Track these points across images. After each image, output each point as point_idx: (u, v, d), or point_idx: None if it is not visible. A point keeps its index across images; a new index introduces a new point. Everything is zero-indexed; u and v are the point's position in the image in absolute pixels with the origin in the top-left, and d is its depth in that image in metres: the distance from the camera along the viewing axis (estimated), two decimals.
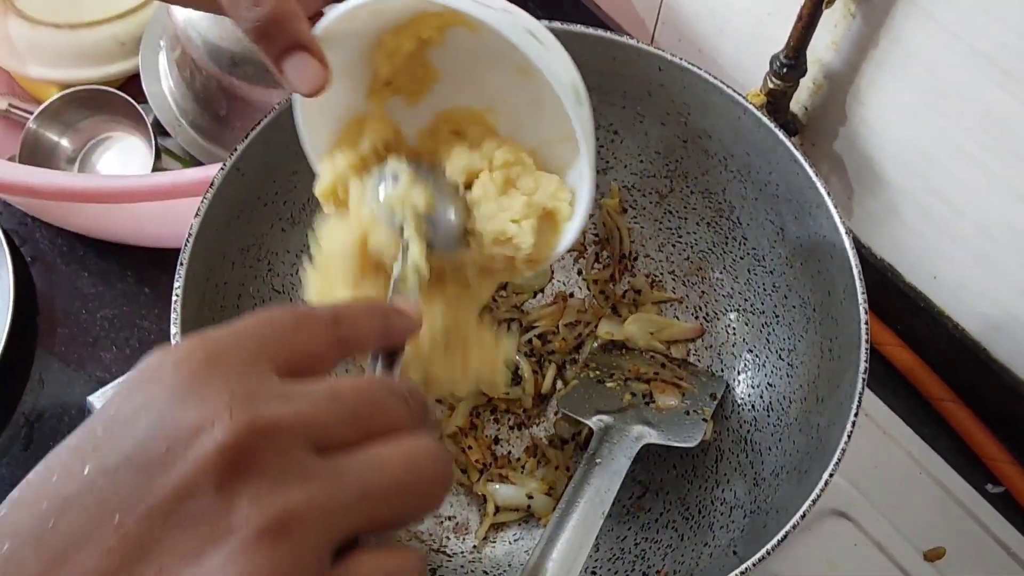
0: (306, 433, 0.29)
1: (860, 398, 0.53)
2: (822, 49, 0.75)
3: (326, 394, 0.31)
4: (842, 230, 0.58)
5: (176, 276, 0.55)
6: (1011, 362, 0.77)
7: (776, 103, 0.78)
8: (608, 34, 0.64)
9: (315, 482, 0.29)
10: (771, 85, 0.77)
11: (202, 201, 0.57)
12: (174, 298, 0.54)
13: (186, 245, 0.56)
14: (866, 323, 0.55)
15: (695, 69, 0.63)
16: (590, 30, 0.64)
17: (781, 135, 0.61)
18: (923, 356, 0.82)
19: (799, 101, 0.81)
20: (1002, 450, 0.78)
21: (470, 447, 0.70)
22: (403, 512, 0.31)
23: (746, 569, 0.49)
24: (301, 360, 0.32)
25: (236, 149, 0.59)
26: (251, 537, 0.27)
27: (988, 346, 0.78)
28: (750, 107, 0.62)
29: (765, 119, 0.62)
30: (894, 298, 0.83)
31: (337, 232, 0.49)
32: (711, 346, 0.72)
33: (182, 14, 0.83)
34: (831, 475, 0.51)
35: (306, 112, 0.50)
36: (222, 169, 0.58)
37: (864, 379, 0.54)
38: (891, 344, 0.83)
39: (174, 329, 0.54)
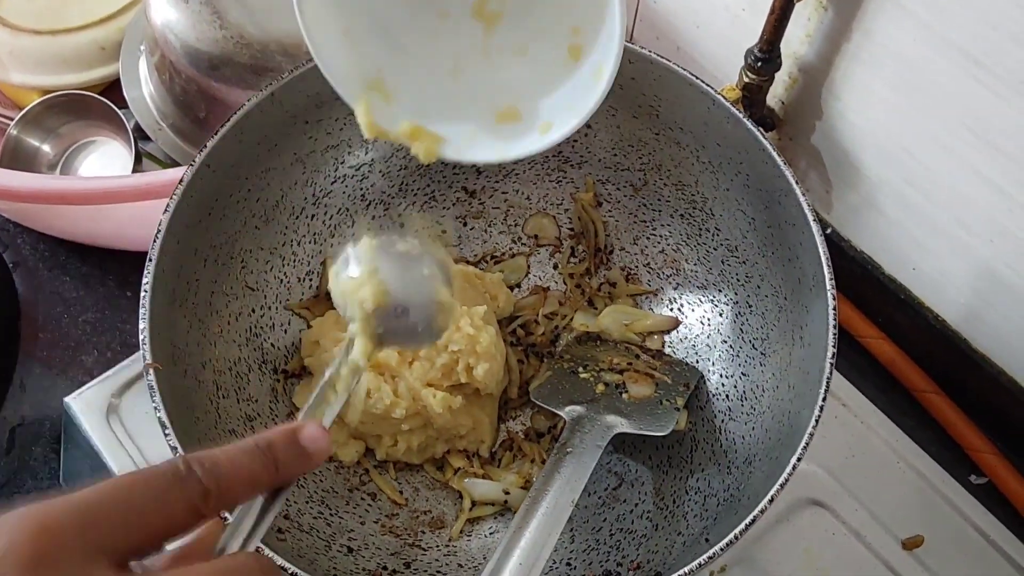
0: None
1: (828, 383, 0.53)
2: (796, 43, 0.75)
3: None
4: (810, 217, 0.58)
5: (145, 272, 0.55)
6: (992, 352, 0.77)
7: (752, 97, 0.78)
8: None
9: None
10: (746, 79, 0.77)
11: (171, 198, 0.57)
12: (142, 293, 0.54)
13: (155, 241, 0.56)
14: (834, 309, 0.55)
15: (664, 61, 0.64)
16: None
17: (750, 125, 0.62)
18: (904, 348, 0.82)
19: (775, 95, 0.81)
20: (985, 440, 0.78)
21: (448, 452, 0.70)
22: None
23: (714, 554, 0.49)
24: (152, 540, 0.31)
25: (206, 146, 0.59)
26: None
27: (969, 336, 0.78)
28: (720, 98, 0.63)
29: (734, 109, 0.62)
30: (875, 290, 0.83)
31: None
32: (686, 337, 0.72)
33: (160, 18, 0.83)
34: (799, 459, 0.51)
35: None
36: (191, 166, 0.58)
37: (832, 363, 0.54)
38: (872, 336, 0.83)
39: (142, 324, 0.54)
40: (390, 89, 0.53)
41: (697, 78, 0.63)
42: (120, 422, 0.71)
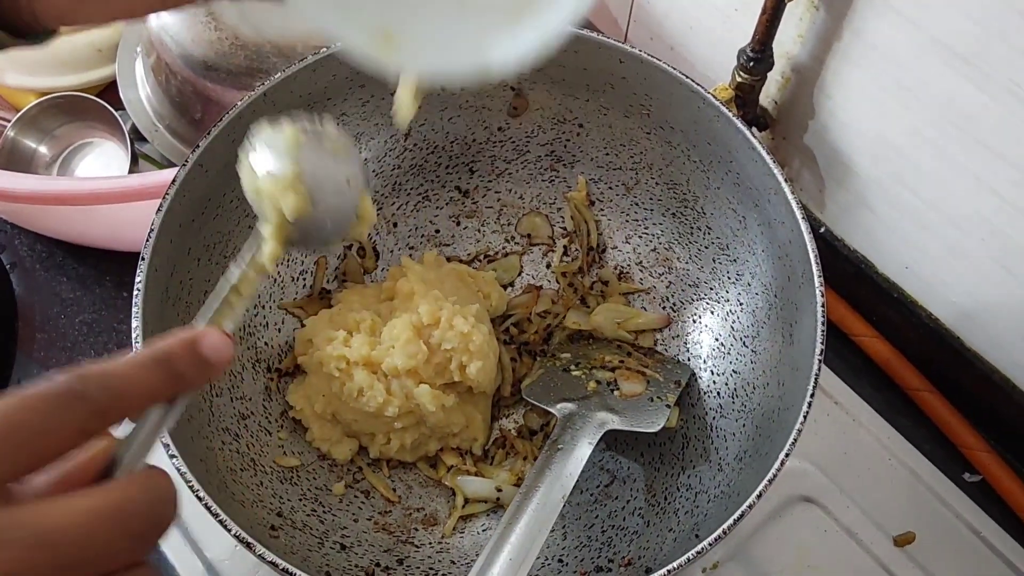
0: None
1: (816, 379, 0.53)
2: (788, 42, 0.75)
3: (37, 540, 0.28)
4: (799, 215, 0.58)
5: (138, 270, 0.55)
6: (985, 350, 0.77)
7: (745, 97, 0.79)
8: (569, 27, 0.65)
9: None
10: (739, 79, 0.77)
11: (164, 197, 0.58)
12: (135, 292, 0.55)
13: (148, 240, 0.56)
14: (823, 305, 0.55)
15: (655, 60, 0.64)
16: None
17: (739, 124, 0.62)
18: (898, 346, 0.82)
19: (768, 95, 0.81)
20: (978, 439, 0.78)
21: (441, 449, 0.70)
22: None
23: (703, 549, 0.49)
24: (38, 464, 0.30)
25: (199, 145, 0.59)
26: None
27: (962, 335, 0.78)
28: (709, 96, 0.63)
29: (724, 108, 0.62)
30: (868, 289, 0.83)
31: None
32: (678, 335, 0.72)
33: (156, 20, 0.84)
34: (787, 455, 0.51)
35: None
36: (184, 165, 0.59)
37: (820, 360, 0.54)
38: (866, 335, 0.83)
39: (135, 323, 0.54)
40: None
41: (687, 77, 0.63)
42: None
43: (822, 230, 0.83)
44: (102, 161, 0.91)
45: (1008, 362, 0.76)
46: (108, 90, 0.92)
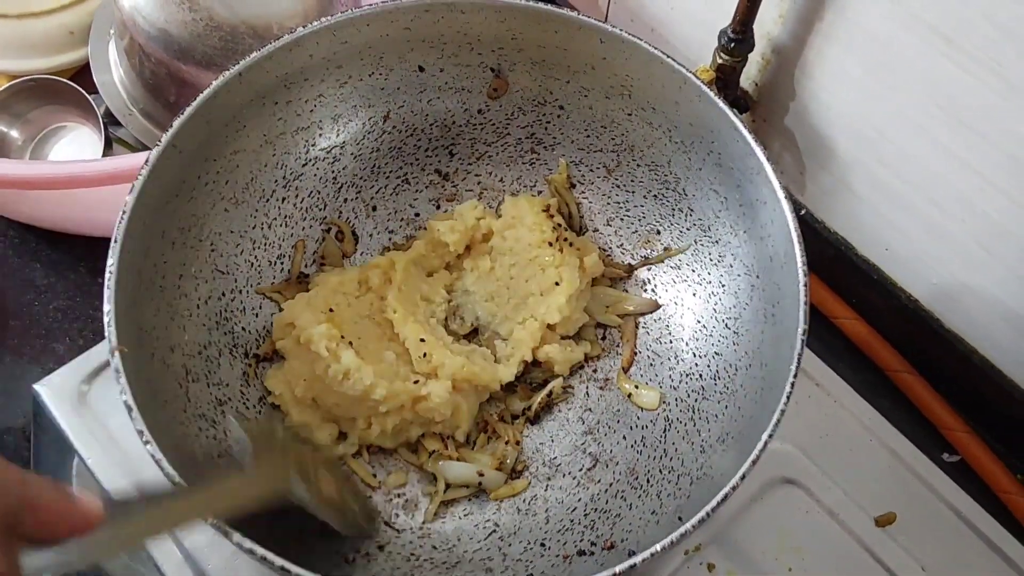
0: None
1: (799, 360, 0.53)
2: (769, 23, 0.75)
3: None
4: (781, 195, 0.58)
5: (110, 253, 0.54)
6: (964, 331, 0.77)
7: (726, 79, 0.78)
8: (548, 7, 0.64)
9: None
10: (720, 60, 0.76)
11: (137, 179, 0.57)
12: (107, 275, 0.54)
13: (120, 223, 0.55)
14: (805, 286, 0.55)
15: (635, 40, 0.63)
16: (531, 3, 0.64)
17: (722, 104, 0.62)
18: (877, 328, 0.82)
19: (749, 77, 0.81)
20: (957, 419, 0.78)
21: (423, 435, 0.69)
22: None
23: (686, 531, 0.49)
24: None
25: (172, 125, 0.58)
26: None
27: (941, 316, 0.78)
28: (691, 76, 0.62)
29: (705, 88, 0.62)
30: (848, 271, 0.83)
31: None
32: (659, 318, 0.72)
33: (129, 1, 0.82)
34: (770, 436, 0.51)
35: None
36: (157, 145, 0.57)
37: (803, 340, 0.54)
38: (846, 317, 0.83)
39: (107, 307, 0.53)
40: None
41: (669, 57, 0.62)
42: (90, 409, 0.70)
43: (802, 212, 0.83)
44: (75, 145, 0.89)
45: (987, 343, 0.76)
46: (81, 73, 0.91)
